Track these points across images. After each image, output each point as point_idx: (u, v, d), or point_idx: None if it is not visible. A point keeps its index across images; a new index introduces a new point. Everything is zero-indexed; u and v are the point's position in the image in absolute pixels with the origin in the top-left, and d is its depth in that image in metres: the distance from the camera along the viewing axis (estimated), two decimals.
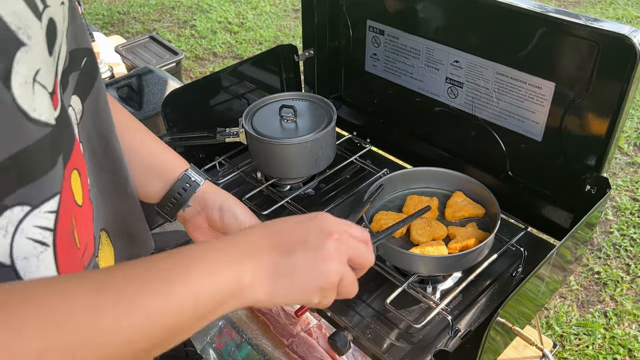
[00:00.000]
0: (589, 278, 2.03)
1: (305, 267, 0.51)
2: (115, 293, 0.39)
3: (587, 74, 0.85)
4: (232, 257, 0.47)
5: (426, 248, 0.92)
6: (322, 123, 1.13)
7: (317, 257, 0.52)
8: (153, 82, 1.70)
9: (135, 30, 3.91)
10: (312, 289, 0.52)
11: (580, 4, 4.04)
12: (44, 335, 0.34)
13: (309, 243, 0.53)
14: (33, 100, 0.39)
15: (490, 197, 0.99)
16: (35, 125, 0.40)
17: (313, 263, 0.52)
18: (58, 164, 0.43)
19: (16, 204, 0.40)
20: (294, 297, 0.52)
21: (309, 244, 0.53)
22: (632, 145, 2.67)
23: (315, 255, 0.52)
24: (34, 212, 0.42)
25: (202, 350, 1.31)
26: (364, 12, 1.16)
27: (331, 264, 0.53)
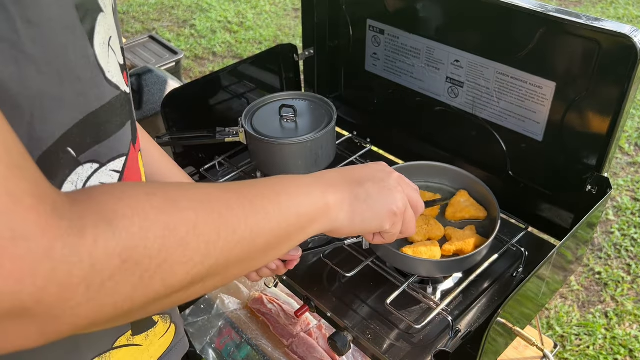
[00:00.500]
0: (589, 278, 2.03)
1: (376, 194, 0.60)
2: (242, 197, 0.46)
3: (588, 73, 0.84)
4: (318, 186, 0.56)
5: (419, 248, 0.92)
6: (322, 123, 1.13)
7: (386, 187, 0.62)
8: (152, 82, 1.69)
9: (135, 29, 3.91)
10: (385, 212, 0.61)
11: (581, 3, 4.03)
12: (196, 211, 0.41)
13: (376, 177, 0.62)
14: (108, 63, 0.44)
15: (493, 201, 0.98)
16: (110, 86, 0.45)
17: (383, 191, 0.61)
18: (126, 127, 0.48)
19: (88, 161, 0.44)
20: (370, 220, 0.60)
21: (376, 178, 0.62)
22: (633, 145, 2.66)
23: (384, 185, 0.62)
24: (101, 169, 0.46)
25: (201, 350, 1.31)
26: (364, 11, 1.16)
27: (397, 192, 0.63)
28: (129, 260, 0.35)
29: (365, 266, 0.95)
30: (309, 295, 0.96)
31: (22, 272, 0.30)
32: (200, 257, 0.40)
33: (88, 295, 0.34)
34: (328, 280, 0.99)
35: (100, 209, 0.35)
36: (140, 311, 0.39)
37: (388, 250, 0.91)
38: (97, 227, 0.34)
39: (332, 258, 0.98)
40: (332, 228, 0.57)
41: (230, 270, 0.45)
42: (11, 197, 0.31)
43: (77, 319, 0.34)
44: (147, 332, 0.60)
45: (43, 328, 0.33)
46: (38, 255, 0.31)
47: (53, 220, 0.32)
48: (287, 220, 0.50)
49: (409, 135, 1.21)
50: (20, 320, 0.32)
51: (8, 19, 0.34)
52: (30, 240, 0.31)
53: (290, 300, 1.36)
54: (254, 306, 1.35)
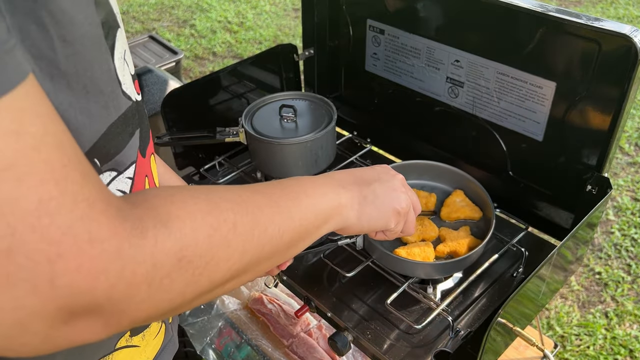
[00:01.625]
0: (589, 278, 2.03)
1: (383, 194, 0.65)
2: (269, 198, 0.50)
3: (588, 73, 0.84)
4: (331, 187, 0.60)
5: (413, 250, 0.92)
6: (322, 123, 1.13)
7: (390, 187, 0.67)
8: (152, 82, 1.69)
9: (135, 29, 3.91)
10: (390, 212, 0.66)
11: (581, 3, 4.03)
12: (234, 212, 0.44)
13: (381, 178, 0.67)
14: (123, 75, 0.47)
15: (488, 201, 0.98)
16: (125, 97, 0.47)
17: (388, 191, 0.66)
18: (135, 136, 0.50)
19: (108, 169, 0.47)
20: (376, 219, 0.64)
21: (381, 179, 0.67)
22: (633, 145, 2.66)
23: (389, 186, 0.67)
24: (119, 177, 0.49)
25: (201, 351, 1.31)
26: (364, 11, 1.16)
27: (402, 193, 0.68)
28: (183, 259, 0.38)
29: (365, 266, 0.95)
30: (309, 295, 0.96)
31: (97, 271, 0.33)
32: (240, 254, 0.44)
33: (149, 292, 0.37)
34: (328, 280, 0.99)
35: (156, 212, 0.39)
36: (187, 305, 0.42)
37: (382, 253, 0.90)
38: (155, 228, 0.37)
39: (332, 258, 0.98)
40: (343, 226, 0.61)
41: (261, 265, 0.48)
42: (87, 203, 0.33)
43: (138, 314, 0.37)
44: (143, 333, 0.61)
45: (108, 322, 0.36)
46: (110, 255, 0.34)
47: (119, 223, 0.35)
48: (307, 219, 0.54)
49: (409, 135, 1.21)
50: (90, 316, 0.35)
51: (47, 38, 0.36)
52: (104, 241, 0.34)
53: (290, 300, 1.36)
54: (254, 306, 1.35)
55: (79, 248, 0.32)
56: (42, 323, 0.33)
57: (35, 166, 0.31)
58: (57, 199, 0.32)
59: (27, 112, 0.32)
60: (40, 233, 0.31)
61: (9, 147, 0.30)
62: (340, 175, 0.64)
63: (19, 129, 0.31)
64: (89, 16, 0.39)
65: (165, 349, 0.67)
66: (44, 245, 0.31)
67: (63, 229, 0.32)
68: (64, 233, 0.32)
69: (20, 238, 0.31)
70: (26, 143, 0.31)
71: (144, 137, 0.54)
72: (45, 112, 0.33)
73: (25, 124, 0.31)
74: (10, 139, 0.30)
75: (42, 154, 0.32)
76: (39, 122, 0.32)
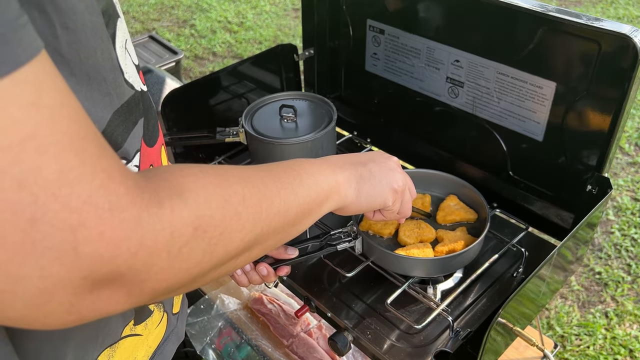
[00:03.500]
0: (589, 278, 2.03)
1: (379, 173, 0.68)
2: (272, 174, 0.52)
3: (588, 73, 0.84)
4: (328, 167, 0.62)
5: (412, 250, 0.92)
6: (322, 123, 1.13)
7: (386, 167, 0.70)
8: (152, 82, 1.69)
9: (135, 29, 3.91)
10: (387, 189, 0.69)
11: (581, 3, 4.03)
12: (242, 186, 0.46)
13: (376, 160, 0.70)
14: (125, 64, 0.48)
15: (482, 202, 0.98)
16: (127, 86, 0.48)
17: (384, 170, 0.69)
18: (139, 125, 0.51)
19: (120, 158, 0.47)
20: (374, 197, 0.67)
21: (376, 160, 0.70)
22: (634, 145, 2.66)
23: (384, 166, 0.70)
24: (128, 165, 0.50)
25: (201, 351, 1.31)
26: (364, 11, 1.16)
27: (397, 172, 0.71)
28: (199, 228, 0.40)
29: (366, 266, 0.95)
30: (309, 295, 0.96)
31: (119, 239, 0.34)
32: (251, 225, 0.45)
33: (169, 261, 0.38)
34: (328, 280, 0.99)
35: (169, 184, 0.40)
36: (203, 278, 0.43)
37: (382, 252, 0.90)
38: (171, 199, 0.38)
39: (332, 258, 0.98)
40: (342, 205, 0.63)
41: (269, 239, 0.50)
42: (106, 174, 0.34)
43: (158, 284, 0.38)
44: (145, 322, 0.61)
45: (130, 292, 0.37)
46: (131, 223, 0.35)
47: (137, 193, 0.36)
48: (309, 195, 0.56)
49: (409, 135, 1.21)
50: (113, 286, 0.36)
51: (50, 26, 0.37)
52: (123, 210, 0.34)
53: (290, 300, 1.36)
54: (254, 306, 1.35)
55: (100, 217, 0.33)
56: (66, 291, 0.33)
57: (55, 137, 0.32)
58: (77, 169, 0.33)
59: (45, 85, 0.32)
60: (62, 202, 0.32)
61: (30, 118, 0.31)
62: (336, 158, 0.66)
63: (37, 101, 0.31)
64: (89, 5, 0.40)
65: (168, 340, 0.67)
66: (66, 214, 0.32)
67: (84, 197, 0.33)
68: (84, 202, 0.33)
69: (43, 206, 0.31)
70: (45, 115, 0.32)
71: (150, 127, 0.55)
72: (60, 86, 0.34)
73: (43, 96, 0.32)
74: (30, 110, 0.31)
75: (60, 126, 0.32)
76: (56, 95, 0.33)
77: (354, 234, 0.89)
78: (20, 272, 0.32)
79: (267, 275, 0.80)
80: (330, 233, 0.88)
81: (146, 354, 0.63)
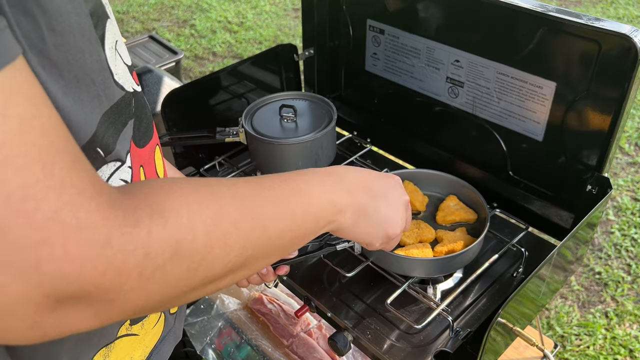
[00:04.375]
0: (589, 278, 2.03)
1: (383, 215, 0.65)
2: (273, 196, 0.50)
3: (588, 73, 0.84)
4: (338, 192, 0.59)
5: (411, 251, 0.92)
6: (322, 123, 1.13)
7: (393, 209, 0.66)
8: (152, 82, 1.69)
9: (135, 29, 3.91)
10: (382, 234, 0.66)
11: (582, 3, 4.03)
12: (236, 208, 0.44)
13: (389, 196, 0.66)
14: (115, 65, 0.47)
15: (482, 203, 0.98)
16: (117, 87, 0.47)
17: (390, 212, 0.66)
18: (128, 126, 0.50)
19: (113, 160, 0.47)
20: (366, 236, 0.65)
21: (388, 197, 0.66)
22: (633, 145, 2.66)
23: (392, 208, 0.66)
24: (122, 167, 0.49)
25: (201, 350, 1.31)
26: (364, 11, 1.16)
27: (400, 218, 0.68)
28: (178, 253, 0.38)
29: (366, 266, 0.95)
30: (309, 295, 0.96)
31: (85, 258, 0.33)
32: (238, 250, 0.43)
33: (140, 282, 0.36)
34: (328, 280, 0.99)
35: (151, 202, 0.38)
36: (179, 299, 0.42)
37: (381, 253, 0.90)
38: (150, 218, 0.37)
39: (332, 258, 0.98)
40: (337, 230, 0.61)
41: (258, 262, 0.48)
42: (76, 189, 0.33)
43: (128, 304, 0.37)
44: (142, 322, 0.61)
45: (98, 311, 0.36)
46: (99, 242, 0.33)
47: (110, 211, 0.35)
48: (308, 221, 0.54)
49: (409, 135, 1.21)
50: (80, 304, 0.34)
51: (37, 29, 0.36)
52: (92, 229, 0.33)
53: (290, 300, 1.36)
54: (254, 306, 1.35)
55: (66, 235, 0.32)
56: (27, 309, 0.32)
57: (21, 149, 0.31)
58: (43, 182, 0.31)
59: (15, 94, 0.31)
60: (24, 217, 0.31)
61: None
62: (352, 178, 0.62)
63: (5, 110, 0.30)
64: (76, 6, 0.40)
65: (165, 340, 0.67)
66: (29, 231, 0.31)
67: (49, 214, 0.31)
68: (49, 218, 0.31)
69: (4, 222, 0.30)
70: (12, 125, 0.31)
71: (141, 128, 0.54)
72: (33, 96, 0.33)
73: (11, 106, 0.31)
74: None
75: (29, 137, 0.31)
76: (28, 104, 0.32)
77: None
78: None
79: (266, 275, 0.80)
80: (329, 233, 0.88)
81: (143, 354, 0.62)
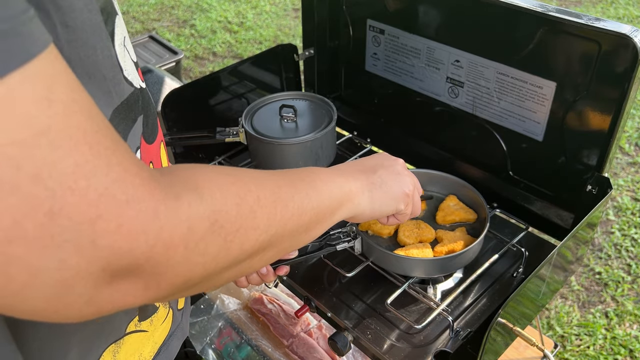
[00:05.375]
0: (590, 278, 2.03)
1: (389, 178, 0.68)
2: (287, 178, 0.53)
3: (589, 73, 0.84)
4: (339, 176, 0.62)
5: (411, 251, 0.92)
6: (322, 123, 1.13)
7: (395, 172, 0.70)
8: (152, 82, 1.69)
9: (135, 29, 3.91)
10: (400, 195, 0.69)
11: (582, 3, 4.03)
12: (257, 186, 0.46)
13: (384, 164, 0.70)
14: (124, 61, 0.48)
15: (482, 203, 0.98)
16: (127, 83, 0.48)
17: (393, 175, 0.69)
18: (138, 122, 0.51)
19: None
20: (387, 204, 0.68)
21: (384, 165, 0.70)
22: (634, 145, 2.66)
23: (393, 170, 0.70)
24: None
25: (201, 351, 1.31)
26: (364, 11, 1.16)
27: (406, 176, 0.71)
28: (215, 223, 0.40)
29: (366, 266, 0.95)
30: (309, 295, 0.96)
31: (137, 231, 0.34)
32: (265, 225, 0.46)
33: (185, 254, 0.38)
34: (328, 280, 0.99)
35: (184, 180, 0.40)
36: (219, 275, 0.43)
37: (381, 253, 0.90)
38: (187, 193, 0.39)
39: (332, 258, 0.98)
40: (355, 213, 0.63)
41: (284, 242, 0.50)
42: (121, 167, 0.34)
43: (176, 278, 0.38)
44: (151, 318, 0.61)
45: (148, 285, 0.37)
46: (148, 216, 0.35)
47: (154, 186, 0.36)
48: (323, 202, 0.56)
49: (409, 135, 1.21)
50: (131, 278, 0.36)
51: (51, 25, 0.37)
52: (141, 203, 0.35)
53: (290, 300, 1.36)
54: (254, 306, 1.35)
55: (117, 209, 0.33)
56: (86, 283, 0.34)
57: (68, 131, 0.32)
58: (92, 162, 0.33)
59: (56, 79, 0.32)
60: (79, 195, 0.32)
61: (43, 113, 0.31)
62: (345, 166, 0.66)
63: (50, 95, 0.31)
64: (88, 3, 0.40)
65: (174, 335, 0.67)
66: (84, 207, 0.32)
67: (100, 190, 0.33)
68: (101, 194, 0.33)
69: (60, 200, 0.31)
70: (58, 109, 0.32)
71: (149, 124, 0.55)
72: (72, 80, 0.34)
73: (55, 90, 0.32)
74: (43, 105, 0.31)
75: (73, 120, 0.33)
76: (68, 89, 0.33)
77: (353, 234, 0.89)
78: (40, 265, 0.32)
79: (267, 275, 0.80)
80: (329, 233, 0.88)
81: (152, 350, 0.63)
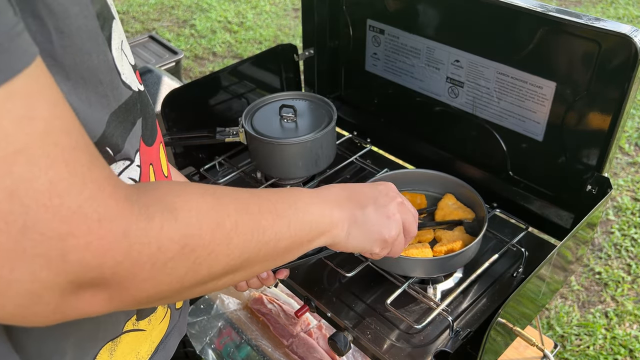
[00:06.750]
0: (589, 278, 2.03)
1: (374, 219, 0.65)
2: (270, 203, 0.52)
3: (588, 73, 0.84)
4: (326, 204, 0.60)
5: (410, 251, 0.92)
6: (322, 123, 1.13)
7: (384, 214, 0.66)
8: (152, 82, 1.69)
9: (135, 29, 3.91)
10: (377, 238, 0.65)
11: (582, 3, 4.03)
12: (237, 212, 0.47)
13: (378, 201, 0.66)
14: (122, 65, 0.48)
15: (479, 201, 0.98)
16: (125, 87, 0.48)
17: (381, 218, 0.65)
18: (137, 124, 0.52)
19: (121, 158, 0.49)
20: (363, 243, 0.65)
21: (377, 202, 0.66)
22: (633, 145, 2.66)
23: (383, 212, 0.66)
24: (131, 166, 0.51)
25: (201, 350, 1.31)
26: (364, 11, 1.16)
27: (393, 221, 0.67)
28: (186, 247, 0.41)
29: (366, 266, 0.95)
30: (309, 295, 0.96)
31: (105, 248, 0.36)
32: (239, 251, 0.46)
33: (151, 273, 0.39)
34: (328, 280, 0.99)
35: (162, 200, 0.41)
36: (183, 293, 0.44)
37: None
38: (162, 215, 0.40)
39: (332, 258, 0.98)
40: (332, 244, 0.62)
41: (255, 266, 0.50)
42: (95, 185, 0.36)
43: (139, 293, 0.40)
44: (149, 317, 0.62)
45: (112, 297, 0.39)
46: (118, 235, 0.36)
47: (127, 206, 0.37)
48: (302, 230, 0.55)
49: (409, 135, 1.21)
50: (96, 289, 0.37)
51: (45, 31, 0.38)
52: (112, 222, 0.36)
53: (290, 300, 1.36)
54: (254, 306, 1.35)
55: (88, 227, 0.35)
56: (54, 294, 0.35)
57: (45, 149, 0.33)
58: (67, 179, 0.34)
59: (37, 96, 0.33)
60: (52, 212, 0.33)
61: (21, 131, 0.32)
62: (337, 192, 0.64)
63: (29, 113, 0.32)
64: (84, 8, 0.40)
65: (171, 335, 0.68)
66: (56, 224, 0.33)
67: (73, 208, 0.34)
68: (74, 212, 0.34)
69: (34, 216, 0.33)
70: (37, 127, 0.33)
71: (148, 127, 0.55)
72: (54, 96, 0.34)
73: (35, 108, 0.33)
74: (22, 124, 0.32)
75: (52, 137, 0.33)
76: (50, 104, 0.34)
77: None
78: (12, 277, 0.33)
79: (267, 279, 0.81)
80: None
81: (149, 349, 0.63)
